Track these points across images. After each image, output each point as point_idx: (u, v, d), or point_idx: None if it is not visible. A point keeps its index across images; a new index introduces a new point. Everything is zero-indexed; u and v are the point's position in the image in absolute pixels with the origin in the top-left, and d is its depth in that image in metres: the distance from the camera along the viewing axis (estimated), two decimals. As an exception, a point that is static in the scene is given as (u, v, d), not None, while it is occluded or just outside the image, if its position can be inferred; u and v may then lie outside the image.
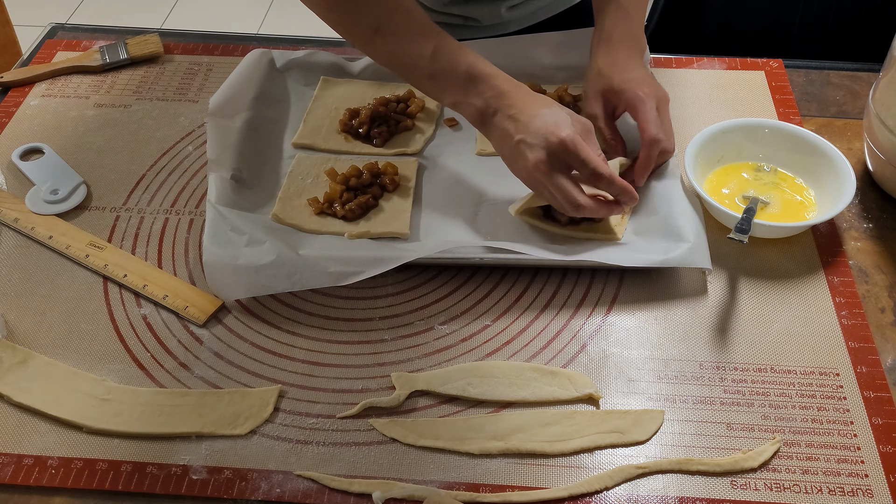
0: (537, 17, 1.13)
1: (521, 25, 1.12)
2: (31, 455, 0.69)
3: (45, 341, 0.77)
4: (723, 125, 0.89)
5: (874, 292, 0.80)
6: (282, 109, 1.01)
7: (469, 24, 1.10)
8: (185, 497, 0.67)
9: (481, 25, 1.10)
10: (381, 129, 0.96)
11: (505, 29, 1.11)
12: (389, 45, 0.85)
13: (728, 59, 1.06)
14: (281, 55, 1.05)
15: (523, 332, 0.77)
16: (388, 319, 0.79)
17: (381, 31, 0.84)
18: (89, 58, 1.08)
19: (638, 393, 0.72)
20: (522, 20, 1.12)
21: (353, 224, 0.86)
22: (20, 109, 1.02)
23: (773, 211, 0.85)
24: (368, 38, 0.85)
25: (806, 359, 0.74)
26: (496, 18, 1.10)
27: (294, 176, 0.91)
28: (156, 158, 0.96)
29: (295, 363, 0.76)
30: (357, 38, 0.87)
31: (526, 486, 0.66)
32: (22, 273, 0.84)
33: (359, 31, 0.85)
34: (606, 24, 0.91)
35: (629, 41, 0.90)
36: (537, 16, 1.13)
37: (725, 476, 0.67)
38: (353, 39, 0.89)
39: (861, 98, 1.01)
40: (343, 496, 0.66)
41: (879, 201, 0.88)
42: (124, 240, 0.87)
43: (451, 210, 0.88)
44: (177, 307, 0.80)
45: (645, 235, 0.83)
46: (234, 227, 0.82)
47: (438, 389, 0.73)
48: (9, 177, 0.94)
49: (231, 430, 0.70)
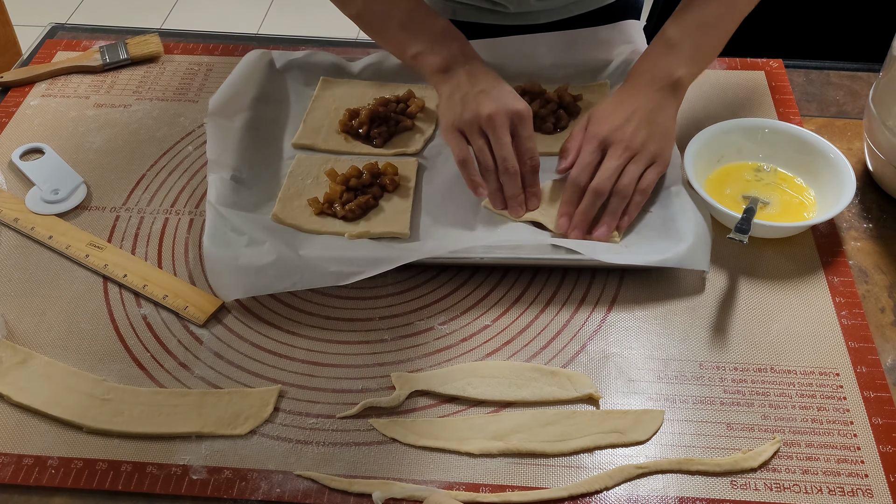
0: (569, 11, 1.09)
1: (550, 18, 1.09)
2: (31, 455, 0.69)
3: (45, 341, 0.77)
4: (723, 125, 0.89)
5: (874, 292, 0.80)
6: (281, 110, 1.01)
7: (497, 9, 1.08)
8: (185, 497, 0.67)
9: (509, 12, 1.08)
10: (381, 129, 0.96)
11: (534, 20, 1.09)
12: None
13: (728, 59, 1.06)
14: (280, 55, 1.05)
15: (523, 331, 0.77)
16: (388, 319, 0.79)
17: None
18: (89, 58, 1.08)
19: (638, 393, 0.72)
20: (552, 13, 1.09)
21: (353, 224, 0.86)
22: (20, 109, 1.02)
23: (773, 211, 0.85)
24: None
25: (806, 359, 0.74)
26: (524, 6, 1.08)
27: (294, 176, 0.91)
28: (156, 158, 0.96)
29: (295, 363, 0.76)
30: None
31: (526, 486, 0.66)
32: (22, 273, 0.84)
33: None
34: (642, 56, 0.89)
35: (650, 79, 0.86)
36: (569, 10, 1.09)
37: (725, 476, 0.67)
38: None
39: (861, 98, 1.01)
40: (343, 496, 0.66)
41: (879, 201, 0.88)
42: (124, 240, 0.87)
43: (451, 210, 0.88)
44: (177, 307, 0.80)
45: (645, 235, 0.83)
46: (234, 227, 0.82)
47: (438, 389, 0.73)
48: (9, 177, 0.94)
49: (231, 430, 0.70)
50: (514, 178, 0.84)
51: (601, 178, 0.82)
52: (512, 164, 0.83)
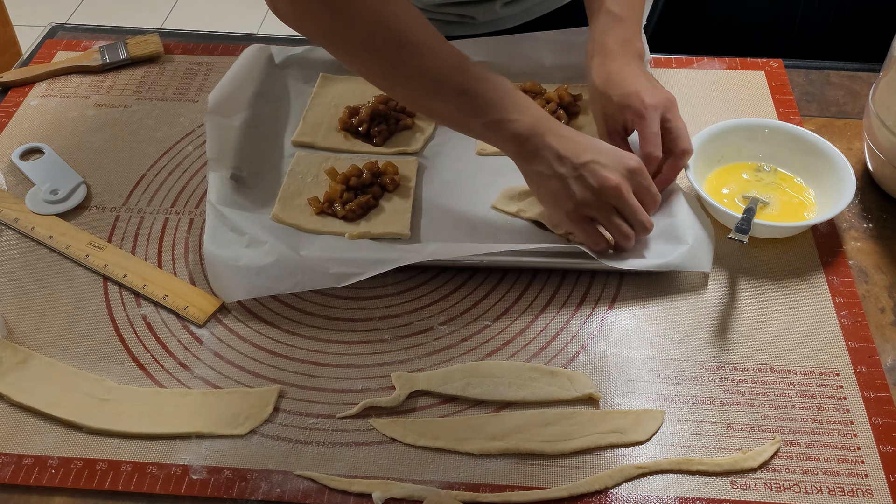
0: (532, 13, 1.11)
1: (516, 22, 1.11)
2: (31, 455, 0.69)
3: (45, 341, 0.77)
4: (723, 125, 0.89)
5: (874, 292, 0.80)
6: (281, 107, 1.01)
7: (465, 21, 1.09)
8: (185, 497, 0.67)
9: (477, 22, 1.09)
10: (381, 127, 0.95)
11: (501, 25, 1.10)
12: (414, 59, 0.75)
13: (728, 59, 1.06)
14: (280, 51, 1.05)
15: (523, 332, 0.77)
16: (388, 319, 0.79)
17: (405, 44, 0.75)
18: (89, 58, 1.08)
19: (638, 393, 0.72)
20: (518, 17, 1.11)
21: (354, 224, 0.86)
22: (20, 109, 1.02)
23: (773, 211, 0.85)
24: (391, 52, 0.76)
25: (806, 359, 0.74)
26: (491, 15, 1.09)
27: (294, 175, 0.91)
28: (156, 158, 0.96)
29: (295, 363, 0.76)
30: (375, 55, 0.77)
31: (526, 486, 0.66)
32: (22, 273, 0.84)
33: (380, 45, 0.76)
34: (597, 31, 0.88)
35: (623, 47, 0.86)
36: (532, 12, 1.11)
37: (725, 476, 0.67)
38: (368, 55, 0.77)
39: (861, 98, 1.01)
40: (343, 496, 0.66)
41: (879, 201, 0.88)
42: (124, 240, 0.87)
43: (451, 210, 0.88)
44: (177, 307, 0.79)
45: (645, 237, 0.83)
46: (234, 227, 0.82)
47: (438, 389, 0.73)
48: (9, 177, 0.94)
49: (231, 430, 0.70)
50: (649, 231, 0.79)
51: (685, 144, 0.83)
52: (649, 223, 0.78)
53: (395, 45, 0.76)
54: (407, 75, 0.77)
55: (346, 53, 0.79)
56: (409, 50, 0.76)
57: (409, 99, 0.82)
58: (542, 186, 0.78)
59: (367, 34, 0.76)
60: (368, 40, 0.76)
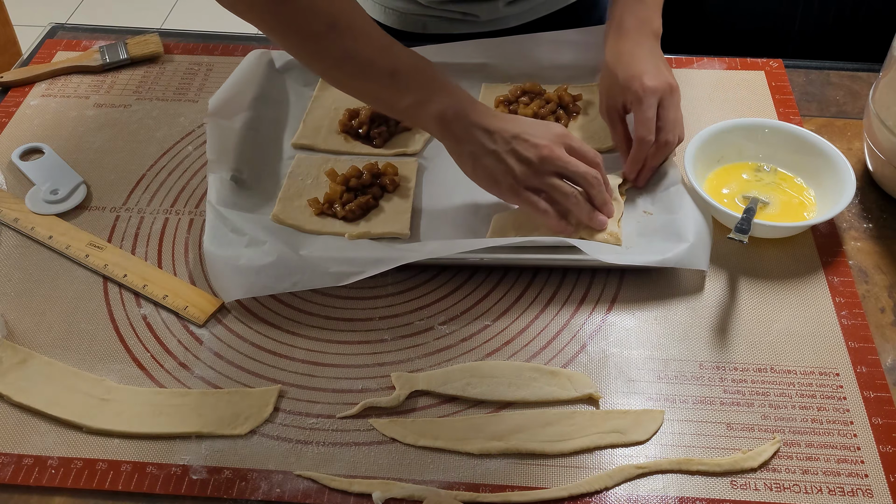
0: (536, 12, 1.11)
1: (520, 21, 1.11)
2: (31, 455, 0.69)
3: (45, 341, 0.77)
4: (723, 125, 0.89)
5: (874, 292, 0.80)
6: (281, 110, 1.01)
7: (468, 18, 1.09)
8: (185, 497, 0.67)
9: (480, 20, 1.09)
10: (381, 129, 0.95)
11: (504, 24, 1.11)
12: (345, 40, 0.78)
13: (728, 59, 1.06)
14: (280, 55, 1.05)
15: (523, 332, 0.77)
16: (388, 319, 0.79)
17: (336, 26, 0.78)
18: (89, 58, 1.08)
19: (638, 393, 0.72)
20: (521, 16, 1.11)
21: (354, 224, 0.86)
22: (20, 109, 1.02)
23: (773, 211, 0.85)
24: (322, 33, 0.78)
25: (806, 359, 0.74)
26: (495, 13, 1.09)
27: (294, 176, 0.91)
28: (156, 158, 0.96)
29: (295, 363, 0.76)
30: (307, 36, 0.79)
31: (526, 486, 0.66)
32: (22, 273, 0.84)
33: (312, 26, 0.78)
34: (617, 9, 0.91)
35: (639, 26, 0.88)
36: (536, 11, 1.11)
37: (725, 476, 0.67)
38: (300, 37, 0.80)
39: (861, 98, 1.01)
40: (343, 496, 0.66)
41: (879, 201, 0.88)
42: (124, 240, 0.87)
43: (451, 210, 0.88)
44: (177, 307, 0.80)
45: (645, 235, 0.83)
46: (234, 227, 0.82)
47: (438, 389, 0.73)
48: (9, 177, 0.94)
49: (231, 430, 0.70)
50: (599, 184, 0.80)
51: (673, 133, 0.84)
52: (592, 173, 0.79)
53: (326, 27, 0.78)
54: (338, 57, 0.79)
55: (278, 35, 0.81)
56: (340, 32, 0.78)
57: (341, 81, 0.83)
58: (478, 166, 0.79)
59: (299, 16, 0.78)
60: (301, 22, 0.78)
